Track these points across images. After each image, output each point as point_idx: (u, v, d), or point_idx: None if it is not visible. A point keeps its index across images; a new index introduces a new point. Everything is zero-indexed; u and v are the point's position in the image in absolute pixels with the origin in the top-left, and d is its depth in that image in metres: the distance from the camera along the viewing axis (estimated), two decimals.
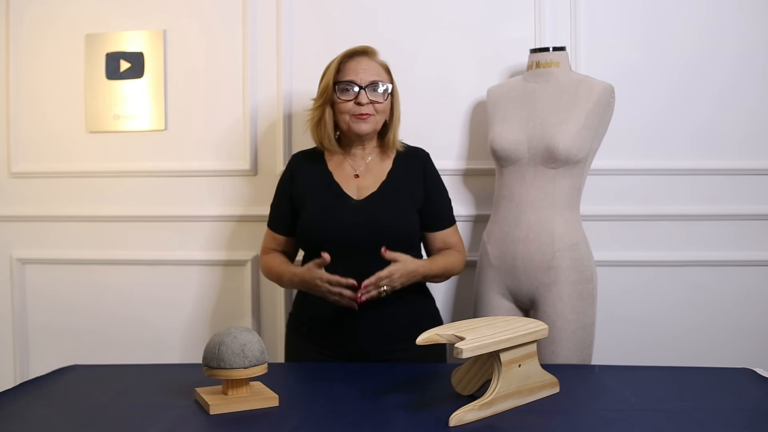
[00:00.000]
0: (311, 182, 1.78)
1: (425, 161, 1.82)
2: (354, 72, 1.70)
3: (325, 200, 1.73)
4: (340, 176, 1.77)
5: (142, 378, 1.51)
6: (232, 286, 2.31)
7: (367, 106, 1.70)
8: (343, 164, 1.79)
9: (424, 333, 1.26)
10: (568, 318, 1.83)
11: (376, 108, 1.71)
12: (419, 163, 1.80)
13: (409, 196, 1.75)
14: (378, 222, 1.68)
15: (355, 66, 1.71)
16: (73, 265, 2.34)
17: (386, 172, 1.77)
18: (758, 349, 2.16)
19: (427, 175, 1.80)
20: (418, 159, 1.81)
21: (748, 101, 2.15)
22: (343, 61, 1.73)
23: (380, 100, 1.71)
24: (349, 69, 1.71)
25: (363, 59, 1.73)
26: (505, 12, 2.20)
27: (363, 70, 1.71)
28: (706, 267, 2.19)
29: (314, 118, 1.77)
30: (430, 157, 1.84)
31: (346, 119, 1.72)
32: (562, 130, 1.84)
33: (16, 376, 2.35)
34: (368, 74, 1.71)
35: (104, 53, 2.29)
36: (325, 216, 1.71)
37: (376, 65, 1.75)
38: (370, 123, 1.72)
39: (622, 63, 2.16)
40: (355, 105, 1.70)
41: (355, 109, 1.70)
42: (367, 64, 1.73)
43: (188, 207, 2.30)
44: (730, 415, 1.25)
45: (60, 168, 2.33)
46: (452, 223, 1.83)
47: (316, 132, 1.78)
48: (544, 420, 1.23)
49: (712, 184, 2.17)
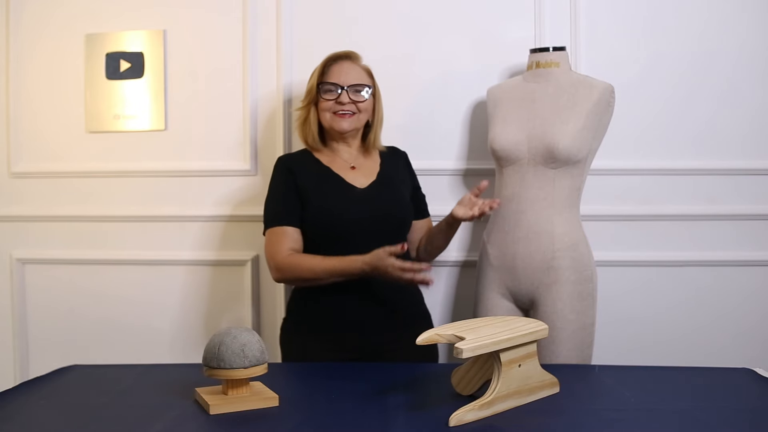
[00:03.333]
0: (311, 176, 1.83)
1: (405, 158, 1.98)
2: (337, 75, 1.82)
3: (330, 190, 1.80)
4: (338, 168, 1.84)
5: (142, 378, 1.51)
6: (232, 286, 2.31)
7: (348, 105, 1.80)
8: (336, 159, 1.87)
9: (424, 333, 1.26)
10: (568, 318, 1.83)
11: (358, 107, 1.82)
12: (401, 159, 1.96)
13: (403, 186, 1.89)
14: (385, 207, 1.80)
15: (339, 69, 1.82)
16: (73, 265, 2.34)
17: (378, 165, 1.88)
18: (759, 349, 2.16)
19: (409, 170, 1.97)
20: (400, 156, 1.97)
21: (749, 101, 2.15)
22: (327, 64, 1.84)
23: (361, 100, 1.82)
24: (332, 72, 1.82)
25: (346, 63, 1.84)
26: (505, 12, 2.20)
27: (345, 73, 1.82)
28: (706, 267, 2.19)
29: (300, 118, 1.88)
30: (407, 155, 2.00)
31: (327, 117, 1.82)
32: (562, 130, 1.84)
33: (16, 376, 2.35)
34: (350, 77, 1.81)
35: (104, 53, 2.29)
36: (336, 204, 1.78)
37: (358, 69, 1.85)
38: (350, 121, 1.82)
39: (622, 63, 2.16)
40: (336, 104, 1.81)
41: (336, 107, 1.81)
42: (349, 67, 1.83)
43: (188, 207, 2.30)
44: (730, 415, 1.25)
45: (60, 168, 2.33)
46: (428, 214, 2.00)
47: (302, 130, 1.88)
48: (544, 420, 1.23)
49: (712, 184, 2.17)
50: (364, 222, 1.76)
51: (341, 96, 1.79)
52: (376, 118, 1.88)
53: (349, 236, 1.74)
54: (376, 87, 1.88)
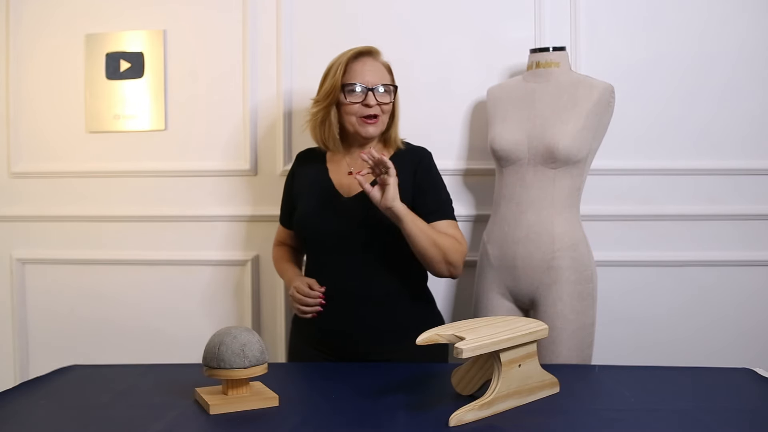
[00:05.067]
0: (307, 180, 1.81)
1: (421, 158, 1.78)
2: (361, 74, 1.70)
3: (316, 198, 1.76)
4: (335, 174, 1.78)
5: (142, 378, 1.51)
6: (232, 286, 2.31)
7: (375, 108, 1.70)
8: (341, 162, 1.79)
9: (424, 333, 1.26)
10: (568, 318, 1.83)
11: (383, 109, 1.71)
12: (415, 160, 1.77)
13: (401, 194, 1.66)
14: (364, 219, 1.67)
15: (361, 67, 1.71)
16: (73, 265, 2.34)
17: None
18: (759, 349, 2.16)
19: (419, 171, 1.75)
20: (415, 156, 1.78)
21: (749, 101, 2.15)
22: (348, 62, 1.71)
23: (387, 101, 1.72)
24: (355, 71, 1.71)
25: (368, 60, 1.73)
26: (505, 12, 2.20)
27: (369, 72, 1.71)
28: (707, 267, 2.18)
29: (317, 119, 1.75)
30: (429, 156, 1.80)
31: (353, 121, 1.71)
32: (562, 130, 1.84)
33: (16, 376, 2.35)
34: (375, 76, 1.71)
35: (104, 53, 2.29)
36: (315, 213, 1.74)
37: (380, 66, 1.75)
38: (377, 126, 1.72)
39: (622, 63, 2.16)
40: (362, 107, 1.69)
41: (363, 111, 1.69)
42: (372, 65, 1.73)
43: (188, 207, 2.30)
44: (730, 415, 1.24)
45: (60, 168, 2.33)
46: (447, 217, 1.74)
47: (318, 132, 1.76)
48: (544, 420, 1.23)
49: (713, 184, 2.17)
50: (341, 232, 1.69)
51: (368, 98, 1.68)
52: (395, 115, 1.77)
53: (326, 245, 1.71)
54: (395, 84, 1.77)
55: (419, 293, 1.78)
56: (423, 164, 1.78)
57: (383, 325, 1.69)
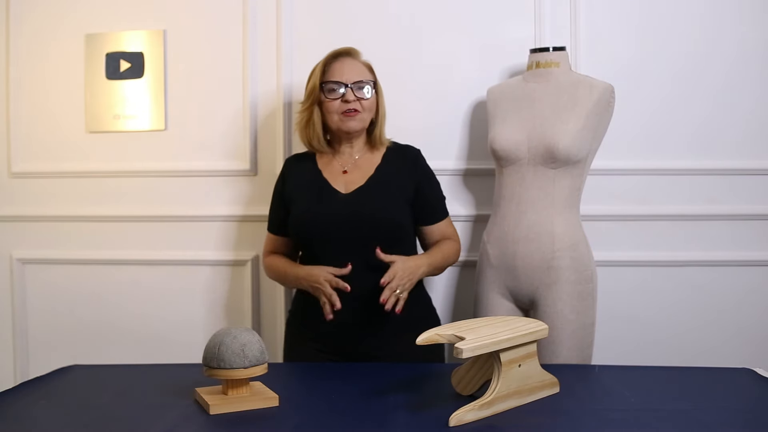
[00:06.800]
0: (301, 181, 1.83)
1: (416, 157, 1.86)
2: (339, 72, 1.77)
3: (313, 196, 1.78)
4: (329, 173, 1.81)
5: (142, 378, 1.51)
6: (232, 286, 2.31)
7: (354, 103, 1.75)
8: (332, 162, 1.84)
9: (424, 333, 1.26)
10: (568, 318, 1.83)
11: (362, 105, 1.77)
12: (409, 158, 1.85)
13: (398, 189, 1.79)
14: (365, 214, 1.72)
15: (340, 66, 1.78)
16: (73, 265, 2.34)
17: (374, 167, 1.81)
18: (758, 349, 2.16)
19: (417, 170, 1.84)
20: (408, 155, 1.86)
21: (746, 101, 2.15)
22: (327, 62, 1.80)
23: (366, 97, 1.77)
24: (334, 70, 1.78)
25: (347, 60, 1.80)
26: (505, 12, 2.20)
27: (348, 70, 1.77)
28: (705, 267, 2.18)
29: (302, 120, 1.83)
30: (421, 154, 1.88)
31: (334, 118, 1.78)
32: (562, 130, 1.84)
33: (16, 376, 2.35)
34: (353, 74, 1.77)
35: (104, 53, 2.29)
36: (314, 210, 1.76)
37: (359, 65, 1.81)
38: (358, 120, 1.77)
39: (621, 63, 2.16)
40: (342, 103, 1.76)
41: (343, 107, 1.76)
42: (351, 63, 1.79)
43: (188, 207, 2.30)
44: (730, 415, 1.25)
45: (60, 168, 2.33)
46: (445, 214, 1.88)
47: (304, 133, 1.84)
48: (544, 420, 1.23)
49: (711, 184, 2.17)
50: (343, 228, 1.71)
51: (346, 94, 1.75)
52: (380, 113, 1.83)
53: (327, 242, 1.72)
54: (377, 82, 1.83)
55: (417, 292, 1.78)
56: (419, 162, 1.86)
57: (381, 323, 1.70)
